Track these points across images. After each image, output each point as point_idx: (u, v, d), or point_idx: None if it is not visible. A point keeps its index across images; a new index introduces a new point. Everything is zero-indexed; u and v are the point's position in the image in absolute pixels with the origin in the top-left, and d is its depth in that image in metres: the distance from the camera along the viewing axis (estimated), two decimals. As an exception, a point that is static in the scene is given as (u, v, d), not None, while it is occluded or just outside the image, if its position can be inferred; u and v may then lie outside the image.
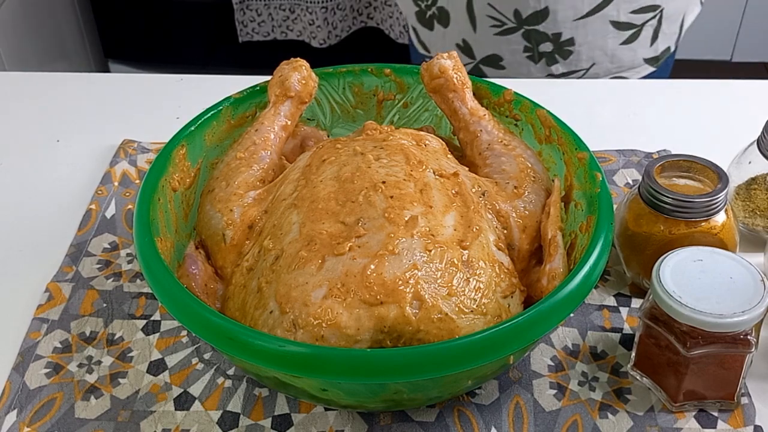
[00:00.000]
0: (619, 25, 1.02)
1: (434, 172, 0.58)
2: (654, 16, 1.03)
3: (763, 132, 0.67)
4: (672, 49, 1.11)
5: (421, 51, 1.16)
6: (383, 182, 0.56)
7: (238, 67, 1.18)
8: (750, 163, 0.70)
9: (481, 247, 0.54)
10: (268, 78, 0.70)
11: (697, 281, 0.55)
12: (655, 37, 1.06)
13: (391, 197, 0.55)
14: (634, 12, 1.02)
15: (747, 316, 0.52)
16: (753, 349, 0.54)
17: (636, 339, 0.58)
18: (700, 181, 0.64)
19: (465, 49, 1.08)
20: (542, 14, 1.00)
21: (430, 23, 1.10)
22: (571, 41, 1.03)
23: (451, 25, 1.07)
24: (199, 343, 0.63)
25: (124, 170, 0.81)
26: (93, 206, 0.76)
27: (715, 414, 0.57)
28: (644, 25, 1.04)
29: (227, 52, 2.36)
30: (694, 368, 0.55)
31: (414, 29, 1.16)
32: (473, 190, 0.60)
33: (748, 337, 0.54)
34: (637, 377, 0.59)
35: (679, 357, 0.55)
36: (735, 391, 0.56)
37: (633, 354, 0.59)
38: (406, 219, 0.53)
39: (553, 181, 0.64)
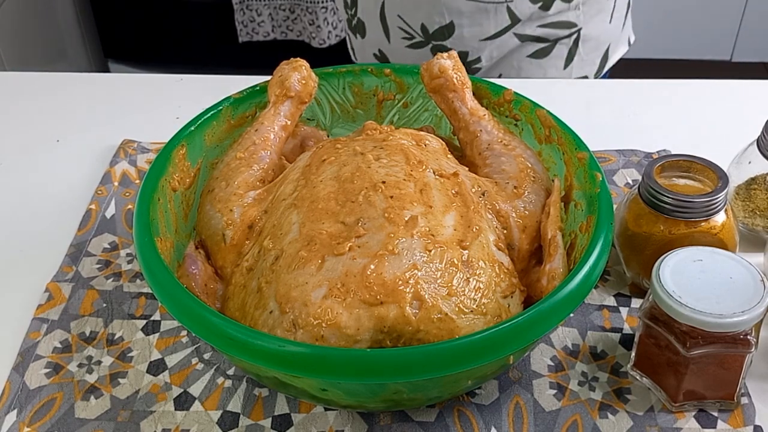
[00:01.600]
0: (527, 37, 0.99)
1: (434, 172, 0.58)
2: (569, 35, 0.99)
3: (763, 132, 0.67)
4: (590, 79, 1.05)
5: (353, 58, 1.15)
6: (383, 182, 0.56)
7: (238, 67, 1.18)
8: (750, 163, 0.70)
9: (481, 247, 0.54)
10: (268, 78, 0.70)
11: (697, 281, 0.55)
12: (569, 60, 1.01)
13: (391, 197, 0.55)
14: (544, 26, 0.98)
15: (747, 316, 0.52)
16: (753, 349, 0.54)
17: (636, 339, 0.58)
18: (700, 181, 0.64)
19: (381, 58, 1.06)
20: (448, 30, 0.98)
21: (355, 32, 1.09)
22: (478, 60, 1.00)
23: (368, 35, 1.05)
24: (199, 343, 0.63)
25: (124, 170, 0.81)
26: (93, 206, 0.76)
27: (715, 414, 0.57)
28: (557, 42, 0.99)
29: (227, 52, 2.36)
30: (694, 368, 0.55)
31: (348, 36, 1.15)
32: (473, 190, 0.60)
33: (748, 337, 0.54)
34: (637, 377, 0.59)
35: (679, 357, 0.55)
36: (735, 391, 0.56)
37: (633, 354, 0.59)
38: (406, 219, 0.53)
39: (553, 181, 0.63)
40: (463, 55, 1.00)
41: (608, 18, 1.02)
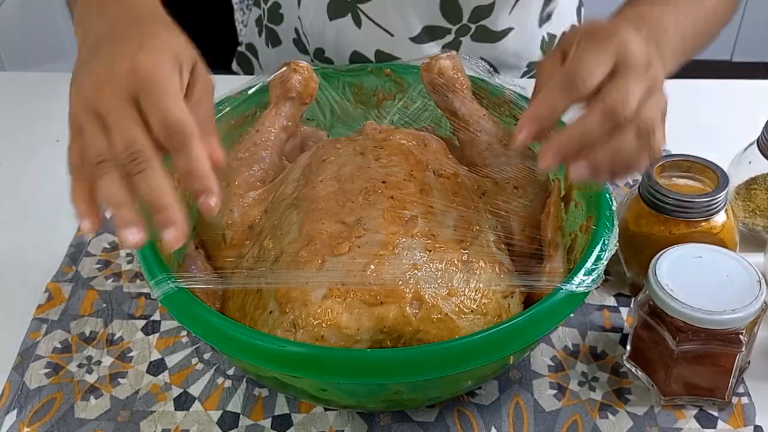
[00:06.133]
0: None
1: (434, 172, 0.58)
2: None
3: (763, 132, 0.67)
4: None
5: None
6: (383, 182, 0.56)
7: (241, 69, 1.18)
8: (750, 163, 0.70)
9: (481, 247, 0.54)
10: (268, 78, 0.70)
11: (693, 277, 0.55)
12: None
13: (391, 197, 0.55)
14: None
15: (737, 314, 0.52)
16: (743, 349, 0.54)
17: (631, 330, 0.59)
18: (700, 181, 0.64)
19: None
20: None
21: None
22: None
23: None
24: (199, 343, 0.63)
25: (124, 170, 0.81)
26: (93, 206, 0.76)
27: (715, 414, 0.57)
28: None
29: (227, 52, 2.36)
30: (683, 362, 0.55)
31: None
32: (473, 190, 0.60)
33: (740, 336, 0.54)
34: (632, 369, 0.59)
35: (669, 350, 0.55)
36: (726, 389, 0.56)
37: (628, 345, 0.59)
38: (406, 219, 0.53)
39: (553, 181, 0.63)
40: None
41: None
